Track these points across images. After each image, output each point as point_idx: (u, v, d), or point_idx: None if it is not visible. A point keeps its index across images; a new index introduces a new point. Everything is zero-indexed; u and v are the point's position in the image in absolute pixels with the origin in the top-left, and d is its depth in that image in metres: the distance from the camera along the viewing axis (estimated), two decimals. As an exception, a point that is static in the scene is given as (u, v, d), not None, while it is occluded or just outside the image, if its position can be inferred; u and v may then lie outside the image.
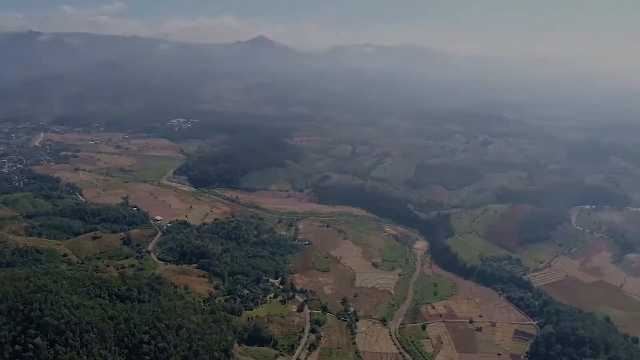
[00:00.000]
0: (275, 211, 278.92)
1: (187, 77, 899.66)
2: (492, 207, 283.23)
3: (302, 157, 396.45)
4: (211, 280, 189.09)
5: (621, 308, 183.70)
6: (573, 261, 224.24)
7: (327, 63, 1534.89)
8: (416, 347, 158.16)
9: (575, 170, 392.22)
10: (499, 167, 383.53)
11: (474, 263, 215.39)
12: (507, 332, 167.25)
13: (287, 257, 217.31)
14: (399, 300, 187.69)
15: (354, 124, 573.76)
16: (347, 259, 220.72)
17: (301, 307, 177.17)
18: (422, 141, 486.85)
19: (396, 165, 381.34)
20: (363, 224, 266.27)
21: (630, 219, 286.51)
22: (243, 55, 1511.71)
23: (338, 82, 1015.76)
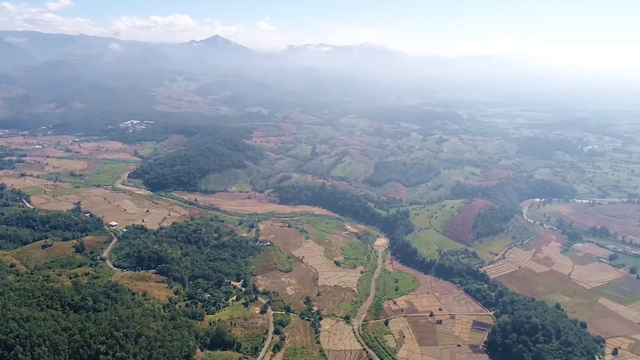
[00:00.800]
0: (236, 213, 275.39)
1: (141, 77, 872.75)
2: (449, 202, 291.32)
3: (262, 157, 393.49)
4: (171, 286, 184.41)
5: (570, 295, 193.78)
6: (525, 252, 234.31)
7: (284, 62, 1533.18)
8: (379, 342, 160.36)
9: (525, 165, 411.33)
10: (454, 164, 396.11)
11: (432, 258, 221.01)
12: (466, 324, 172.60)
13: (248, 259, 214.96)
14: (361, 297, 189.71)
15: (312, 124, 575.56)
16: (309, 258, 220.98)
17: (264, 309, 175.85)
18: (380, 139, 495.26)
19: (355, 164, 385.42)
20: (324, 223, 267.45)
21: (576, 210, 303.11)
22: (198, 55, 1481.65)
23: (295, 82, 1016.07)
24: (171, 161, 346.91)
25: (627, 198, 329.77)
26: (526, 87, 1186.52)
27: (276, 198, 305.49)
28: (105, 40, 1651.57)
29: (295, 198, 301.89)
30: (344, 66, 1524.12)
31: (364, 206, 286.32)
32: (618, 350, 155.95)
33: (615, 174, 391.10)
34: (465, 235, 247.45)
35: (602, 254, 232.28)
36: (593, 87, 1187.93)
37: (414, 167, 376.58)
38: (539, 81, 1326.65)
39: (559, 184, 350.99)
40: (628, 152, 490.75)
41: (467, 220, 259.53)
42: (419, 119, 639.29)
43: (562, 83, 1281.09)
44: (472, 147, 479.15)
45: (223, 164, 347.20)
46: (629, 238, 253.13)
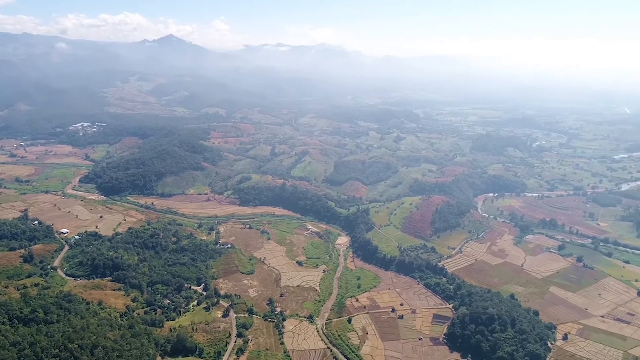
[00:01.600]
0: (195, 216, 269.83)
1: (90, 77, 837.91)
2: (407, 199, 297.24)
3: (220, 158, 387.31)
4: (128, 293, 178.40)
5: (523, 285, 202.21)
6: (481, 245, 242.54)
7: (241, 62, 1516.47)
8: (343, 340, 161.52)
9: (479, 161, 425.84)
10: (411, 162, 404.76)
11: (393, 254, 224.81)
12: (427, 317, 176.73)
13: (209, 262, 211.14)
14: (324, 296, 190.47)
15: (271, 124, 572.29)
16: (271, 259, 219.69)
17: (226, 312, 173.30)
18: (339, 139, 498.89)
19: (315, 164, 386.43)
20: (286, 224, 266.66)
21: (527, 203, 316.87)
22: (151, 55, 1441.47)
23: (253, 82, 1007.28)
24: (125, 164, 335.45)
25: (572, 191, 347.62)
26: (478, 86, 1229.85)
27: (236, 199, 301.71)
28: (51, 39, 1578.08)
29: (256, 199, 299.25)
30: (302, 66, 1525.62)
31: (324, 205, 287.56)
32: (568, 335, 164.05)
33: (562, 168, 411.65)
34: (424, 231, 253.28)
35: (552, 245, 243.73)
36: (539, 85, 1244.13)
37: (373, 165, 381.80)
38: (489, 80, 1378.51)
39: (510, 179, 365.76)
40: (573, 147, 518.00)
41: (425, 217, 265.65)
42: (376, 118, 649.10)
43: (511, 82, 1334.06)
44: (428, 145, 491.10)
45: (180, 166, 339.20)
46: (575, 228, 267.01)
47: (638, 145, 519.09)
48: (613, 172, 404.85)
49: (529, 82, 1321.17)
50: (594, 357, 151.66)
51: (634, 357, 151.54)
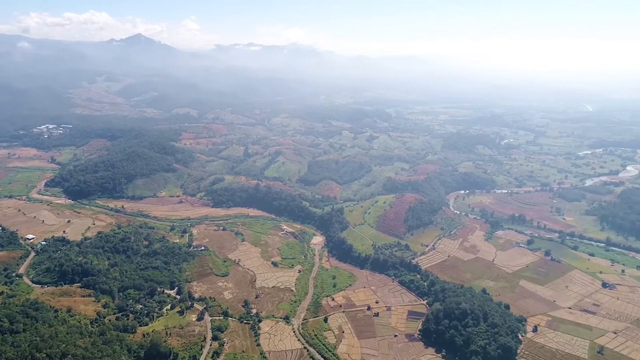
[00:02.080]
0: (167, 218, 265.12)
1: (55, 78, 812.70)
2: (381, 198, 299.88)
3: (192, 160, 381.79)
4: (98, 299, 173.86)
5: (494, 279, 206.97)
6: (453, 242, 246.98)
7: (212, 62, 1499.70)
8: (320, 339, 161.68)
9: (450, 159, 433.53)
10: (384, 160, 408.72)
11: (368, 253, 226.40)
12: (402, 314, 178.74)
13: (182, 265, 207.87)
14: (300, 297, 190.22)
15: (244, 124, 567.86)
16: (246, 261, 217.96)
17: (201, 316, 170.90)
18: (313, 138, 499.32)
19: (289, 164, 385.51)
20: (260, 224, 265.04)
21: (497, 200, 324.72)
22: (119, 54, 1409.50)
23: (224, 82, 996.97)
24: (94, 167, 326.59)
25: (540, 187, 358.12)
26: (448, 85, 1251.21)
27: (209, 201, 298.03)
28: (12, 38, 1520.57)
29: (229, 200, 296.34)
30: (274, 66, 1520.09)
31: (299, 205, 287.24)
32: (538, 327, 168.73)
33: (529, 165, 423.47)
34: (398, 229, 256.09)
35: (521, 240, 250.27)
36: (506, 85, 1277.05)
37: (346, 164, 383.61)
38: (459, 80, 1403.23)
39: (480, 176, 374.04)
40: (539, 144, 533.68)
41: (399, 215, 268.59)
42: (349, 117, 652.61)
43: (479, 82, 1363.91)
44: (401, 144, 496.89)
45: (151, 168, 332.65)
46: (543, 223, 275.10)
47: (600, 142, 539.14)
48: (577, 168, 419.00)
49: (497, 82, 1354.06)
50: (563, 348, 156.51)
51: (600, 346, 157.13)
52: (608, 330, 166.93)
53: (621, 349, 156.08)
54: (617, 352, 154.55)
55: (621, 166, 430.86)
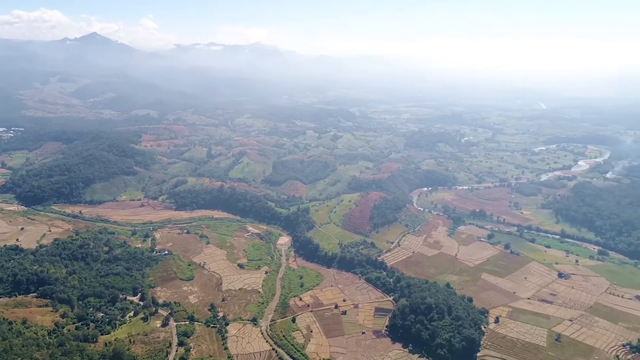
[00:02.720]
0: (128, 223, 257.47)
1: (5, 78, 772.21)
2: (346, 197, 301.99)
3: (154, 162, 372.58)
4: (56, 309, 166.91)
5: (457, 274, 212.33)
6: (417, 238, 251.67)
7: (172, 62, 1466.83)
8: (288, 340, 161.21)
9: (413, 157, 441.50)
10: (349, 159, 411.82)
11: (334, 251, 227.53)
12: (369, 311, 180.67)
13: (145, 270, 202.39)
14: (267, 298, 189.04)
15: (207, 125, 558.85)
16: (211, 263, 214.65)
17: (166, 321, 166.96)
18: (277, 139, 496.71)
19: (254, 164, 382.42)
20: (225, 226, 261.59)
21: (458, 196, 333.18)
22: (73, 54, 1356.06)
23: (185, 82, 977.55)
24: (48, 171, 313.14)
25: (499, 182, 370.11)
26: (409, 85, 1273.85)
27: (172, 204, 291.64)
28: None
29: (193, 203, 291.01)
30: (236, 66, 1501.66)
31: (264, 206, 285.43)
32: (499, 318, 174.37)
33: (488, 162, 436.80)
34: (363, 227, 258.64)
35: (482, 234, 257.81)
36: (465, 84, 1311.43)
37: (311, 164, 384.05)
38: (420, 79, 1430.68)
39: (442, 173, 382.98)
40: (497, 141, 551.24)
41: (364, 213, 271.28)
42: (313, 117, 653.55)
43: (439, 81, 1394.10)
44: (364, 143, 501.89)
45: (110, 171, 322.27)
46: (502, 218, 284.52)
47: (554, 138, 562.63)
48: (533, 163, 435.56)
49: (456, 81, 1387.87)
50: (523, 337, 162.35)
51: (557, 333, 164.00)
52: (564, 318, 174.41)
53: (576, 336, 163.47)
54: (573, 339, 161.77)
55: (573, 161, 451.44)
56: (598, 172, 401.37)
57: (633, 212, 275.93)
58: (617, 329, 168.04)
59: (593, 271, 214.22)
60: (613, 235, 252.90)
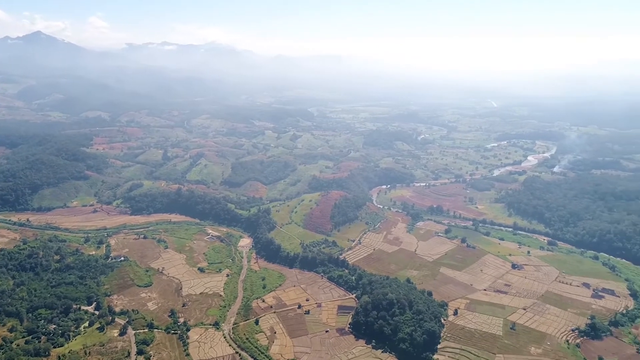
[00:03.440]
0: (80, 230, 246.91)
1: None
2: (307, 196, 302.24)
3: (106, 166, 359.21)
4: (4, 323, 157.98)
5: (417, 269, 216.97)
6: (378, 235, 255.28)
7: (124, 62, 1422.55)
8: (251, 342, 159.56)
9: (371, 155, 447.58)
10: (309, 159, 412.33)
11: (296, 251, 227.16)
12: (332, 310, 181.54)
13: (100, 278, 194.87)
14: (229, 301, 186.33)
15: (162, 126, 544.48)
16: (170, 268, 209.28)
17: (124, 330, 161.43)
18: (236, 139, 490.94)
19: (212, 166, 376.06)
20: (184, 230, 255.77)
21: (416, 193, 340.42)
22: (16, 54, 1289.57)
23: (138, 83, 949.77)
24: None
25: (454, 178, 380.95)
26: (367, 84, 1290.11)
27: (127, 209, 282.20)
28: None
29: (149, 207, 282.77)
30: (191, 65, 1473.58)
31: (224, 208, 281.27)
32: (458, 310, 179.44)
33: (444, 159, 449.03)
34: (325, 226, 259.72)
35: (439, 229, 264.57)
36: (419, 83, 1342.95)
37: (271, 164, 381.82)
38: (378, 79, 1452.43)
39: (400, 171, 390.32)
40: (452, 138, 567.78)
41: (325, 212, 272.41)
42: (272, 117, 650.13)
43: (394, 80, 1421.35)
44: (324, 142, 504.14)
45: (59, 176, 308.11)
46: (458, 213, 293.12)
47: (505, 135, 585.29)
48: (486, 159, 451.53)
49: (412, 80, 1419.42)
50: (480, 327, 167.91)
51: (512, 322, 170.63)
52: (518, 307, 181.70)
53: (530, 323, 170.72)
54: (526, 327, 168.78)
55: (523, 156, 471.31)
56: (546, 166, 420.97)
57: (578, 203, 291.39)
58: (567, 315, 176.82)
59: (543, 261, 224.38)
60: (561, 226, 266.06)
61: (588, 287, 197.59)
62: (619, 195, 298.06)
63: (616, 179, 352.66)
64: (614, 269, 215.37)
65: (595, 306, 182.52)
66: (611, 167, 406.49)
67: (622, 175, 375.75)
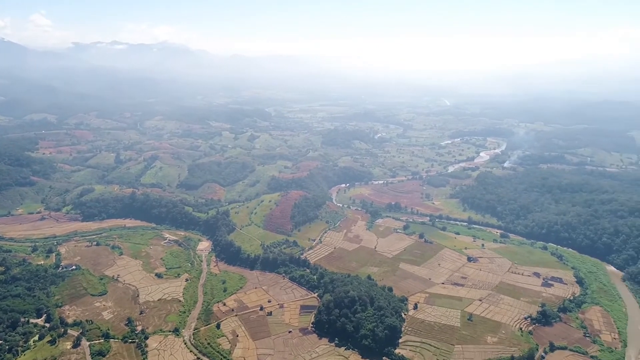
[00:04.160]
0: (27, 239, 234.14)
1: None
2: (267, 197, 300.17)
3: (54, 171, 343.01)
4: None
5: (377, 265, 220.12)
6: (338, 234, 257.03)
7: (71, 62, 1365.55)
8: (213, 347, 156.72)
9: (330, 155, 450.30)
10: (267, 159, 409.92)
11: (257, 253, 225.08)
12: (295, 310, 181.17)
13: (50, 289, 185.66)
14: (189, 306, 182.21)
15: (113, 129, 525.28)
16: (126, 275, 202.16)
17: (77, 342, 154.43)
18: (192, 141, 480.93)
19: (167, 169, 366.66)
20: (139, 235, 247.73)
21: (375, 190, 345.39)
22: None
23: (87, 83, 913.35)
24: None
25: (411, 176, 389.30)
26: (324, 84, 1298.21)
27: (78, 215, 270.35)
28: None
29: (102, 212, 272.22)
30: (143, 65, 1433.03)
31: (181, 211, 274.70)
32: (417, 304, 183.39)
33: (401, 156, 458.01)
34: (285, 226, 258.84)
35: (398, 226, 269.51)
36: (375, 82, 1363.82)
37: (229, 166, 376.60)
38: (335, 78, 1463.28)
39: (359, 169, 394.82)
40: (408, 137, 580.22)
41: (285, 212, 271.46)
42: (228, 117, 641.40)
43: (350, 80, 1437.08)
44: (282, 142, 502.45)
45: (2, 183, 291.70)
46: (416, 209, 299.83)
47: (458, 132, 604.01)
48: (441, 156, 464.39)
49: (368, 80, 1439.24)
50: (439, 320, 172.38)
51: (469, 313, 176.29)
52: (474, 299, 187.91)
53: (486, 314, 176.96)
54: (483, 317, 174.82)
55: (476, 153, 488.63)
56: (497, 162, 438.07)
57: (527, 197, 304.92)
58: (520, 304, 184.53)
59: (497, 253, 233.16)
60: (512, 219, 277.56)
61: (538, 276, 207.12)
62: (565, 188, 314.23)
63: (561, 172, 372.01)
64: (561, 258, 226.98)
65: (546, 294, 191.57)
66: (557, 161, 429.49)
67: (567, 169, 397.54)
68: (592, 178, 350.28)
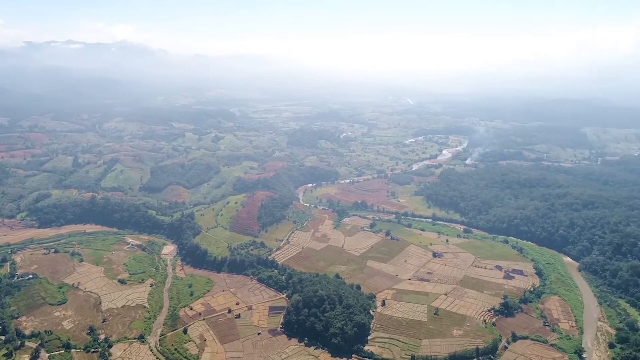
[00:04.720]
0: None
1: None
2: (232, 198, 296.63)
3: (7, 176, 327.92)
4: None
5: (345, 264, 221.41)
6: (305, 234, 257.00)
7: (22, 61, 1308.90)
8: (180, 353, 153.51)
9: (296, 155, 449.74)
10: (232, 160, 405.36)
11: (224, 255, 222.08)
12: (263, 311, 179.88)
13: (5, 300, 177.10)
14: (155, 312, 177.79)
15: (70, 131, 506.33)
16: (87, 283, 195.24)
17: (36, 354, 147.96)
18: (154, 142, 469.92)
19: (129, 171, 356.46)
20: (101, 241, 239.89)
21: (341, 189, 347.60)
22: None
23: (41, 84, 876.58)
24: None
25: (376, 174, 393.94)
26: (289, 84, 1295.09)
27: (34, 222, 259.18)
28: None
29: (60, 218, 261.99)
30: (101, 65, 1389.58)
31: (144, 215, 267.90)
32: (385, 301, 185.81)
33: (366, 155, 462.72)
34: (252, 228, 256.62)
35: (365, 224, 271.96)
36: (342, 82, 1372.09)
37: (193, 167, 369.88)
38: (299, 78, 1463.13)
39: (325, 169, 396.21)
40: (373, 136, 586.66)
41: (251, 213, 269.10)
42: (192, 118, 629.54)
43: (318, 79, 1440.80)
44: (247, 143, 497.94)
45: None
46: (382, 207, 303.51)
47: (421, 131, 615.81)
48: (405, 155, 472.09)
49: (331, 80, 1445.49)
50: (407, 315, 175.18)
51: (435, 308, 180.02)
52: (440, 293, 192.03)
53: (452, 308, 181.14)
54: (448, 311, 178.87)
55: (438, 151, 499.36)
56: (459, 159, 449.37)
57: (489, 192, 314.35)
58: (483, 296, 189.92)
59: (461, 248, 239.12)
60: (474, 214, 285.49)
61: (500, 269, 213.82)
62: (523, 183, 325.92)
63: (520, 168, 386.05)
64: (521, 251, 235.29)
65: (507, 286, 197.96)
66: (515, 157, 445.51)
67: (525, 164, 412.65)
68: (548, 173, 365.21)
